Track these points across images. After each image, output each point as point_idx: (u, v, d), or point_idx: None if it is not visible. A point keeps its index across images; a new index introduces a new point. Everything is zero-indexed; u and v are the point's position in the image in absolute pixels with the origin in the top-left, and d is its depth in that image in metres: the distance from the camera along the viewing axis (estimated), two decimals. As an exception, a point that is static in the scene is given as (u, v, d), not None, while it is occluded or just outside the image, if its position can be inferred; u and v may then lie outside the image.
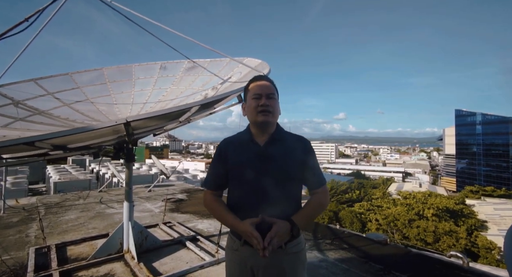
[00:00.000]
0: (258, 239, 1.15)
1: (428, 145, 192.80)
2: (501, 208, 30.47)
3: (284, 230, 1.20)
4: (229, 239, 1.42)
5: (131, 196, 3.40)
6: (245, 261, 1.32)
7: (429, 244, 19.76)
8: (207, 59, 4.43)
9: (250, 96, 1.38)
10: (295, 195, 1.36)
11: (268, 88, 1.36)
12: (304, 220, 1.30)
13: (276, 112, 1.37)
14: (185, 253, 3.57)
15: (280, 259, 1.28)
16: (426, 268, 3.24)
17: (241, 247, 1.33)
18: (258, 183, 1.30)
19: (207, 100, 2.03)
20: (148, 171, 12.20)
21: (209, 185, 1.45)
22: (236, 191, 1.38)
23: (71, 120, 3.56)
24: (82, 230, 4.53)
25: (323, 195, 1.38)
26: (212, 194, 1.44)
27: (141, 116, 1.66)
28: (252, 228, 1.19)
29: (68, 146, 1.95)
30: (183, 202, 6.72)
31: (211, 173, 1.46)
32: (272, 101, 1.35)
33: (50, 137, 1.37)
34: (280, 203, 1.29)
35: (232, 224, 1.29)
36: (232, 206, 1.36)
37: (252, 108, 1.35)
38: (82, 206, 6.13)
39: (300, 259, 1.34)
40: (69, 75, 4.24)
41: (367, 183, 49.30)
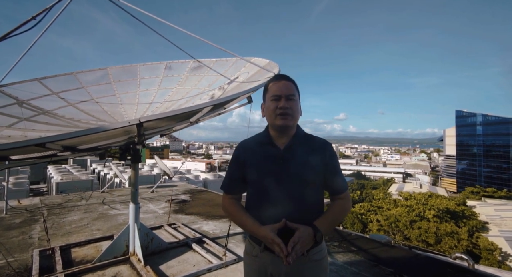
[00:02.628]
0: (280, 245, 1.10)
1: (428, 145, 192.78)
2: (502, 209, 30.43)
3: (307, 236, 1.15)
4: (248, 244, 1.37)
5: (137, 197, 3.35)
6: (265, 267, 1.27)
7: (431, 245, 19.72)
8: (213, 59, 4.39)
9: (269, 97, 1.32)
10: (317, 200, 1.31)
11: (288, 88, 1.29)
12: (327, 225, 1.25)
13: (296, 114, 1.31)
14: (192, 255, 3.52)
15: (302, 267, 1.23)
16: (434, 271, 3.19)
17: (261, 253, 1.28)
18: (278, 187, 1.25)
19: (219, 101, 1.99)
20: (150, 172, 12.15)
21: (226, 189, 1.40)
22: (255, 195, 1.33)
23: (76, 120, 3.52)
24: (85, 231, 4.48)
25: (346, 201, 1.33)
26: (230, 198, 1.39)
27: (154, 117, 1.62)
28: (274, 234, 1.14)
29: (77, 147, 1.90)
30: (186, 203, 6.67)
31: (228, 176, 1.41)
32: (292, 103, 1.28)
33: (62, 138, 1.32)
34: (301, 208, 1.24)
35: (252, 229, 1.24)
36: (250, 210, 1.31)
37: (271, 111, 1.29)
38: (85, 207, 6.08)
39: (322, 267, 1.29)
40: (74, 74, 4.20)
41: (368, 184, 49.27)
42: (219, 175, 13.99)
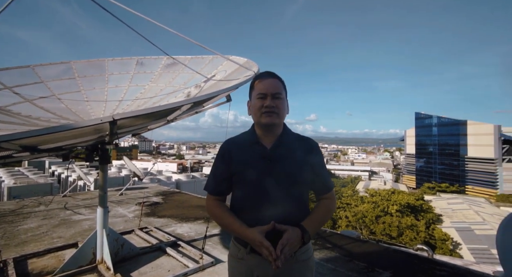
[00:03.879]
0: (269, 249, 1.07)
1: (391, 145, 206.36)
2: (453, 203, 33.64)
3: (295, 237, 1.13)
4: (233, 246, 1.33)
5: (105, 201, 3.12)
6: (251, 270, 1.24)
7: (394, 238, 21.12)
8: (188, 56, 4.24)
9: (255, 95, 1.28)
10: (303, 200, 1.30)
11: (274, 87, 1.26)
12: (315, 226, 1.24)
13: (282, 113, 1.28)
14: (166, 260, 3.37)
15: (290, 268, 1.21)
16: (402, 263, 3.40)
17: (247, 255, 1.24)
18: (264, 187, 1.22)
19: (198, 99, 1.91)
20: (118, 173, 11.47)
21: (211, 190, 1.34)
22: (241, 195, 1.28)
23: (35, 117, 3.18)
24: (45, 240, 4.08)
25: (331, 200, 1.34)
26: (215, 199, 1.33)
27: (130, 114, 1.50)
28: (262, 236, 1.11)
29: (39, 147, 1.70)
30: (159, 205, 6.39)
31: (213, 177, 1.34)
32: (278, 101, 1.26)
33: (22, 137, 1.16)
34: (288, 209, 1.23)
35: (239, 232, 1.20)
36: (236, 212, 1.27)
37: (257, 109, 1.26)
38: (43, 213, 5.54)
39: (309, 267, 1.28)
40: (31, 67, 3.79)
41: (337, 182, 51.42)
42: (192, 176, 13.65)
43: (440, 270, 3.16)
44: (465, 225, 25.13)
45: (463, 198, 36.91)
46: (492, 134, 50.61)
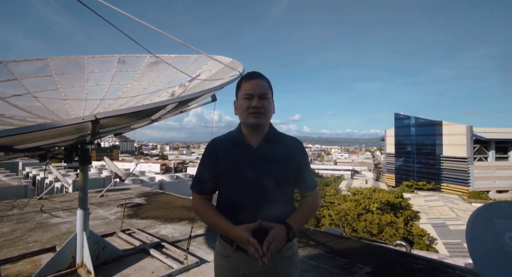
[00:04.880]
0: (256, 246, 1.09)
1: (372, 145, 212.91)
2: (430, 200, 35.25)
3: (281, 234, 1.16)
4: (219, 244, 1.34)
5: (86, 203, 3.03)
6: (237, 268, 1.26)
7: (374, 235, 21.85)
8: (172, 55, 4.19)
9: (241, 95, 1.30)
10: (288, 198, 1.34)
11: (261, 87, 1.29)
12: (299, 223, 1.28)
13: (269, 113, 1.31)
14: (150, 261, 3.31)
15: (275, 264, 1.24)
16: (383, 258, 3.54)
17: (233, 253, 1.26)
18: (251, 186, 1.24)
19: (184, 98, 1.90)
20: (98, 174, 11.07)
21: (197, 189, 1.35)
22: (228, 194, 1.31)
23: (8, 116, 3.02)
24: (19, 244, 3.89)
25: (315, 198, 1.38)
26: (201, 199, 1.34)
27: (113, 113, 1.47)
28: (249, 234, 1.13)
29: (14, 147, 1.62)
30: (142, 206, 6.24)
31: (199, 176, 1.35)
32: (265, 102, 1.29)
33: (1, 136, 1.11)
34: (274, 207, 1.26)
35: (225, 230, 1.22)
36: (223, 210, 1.28)
37: (244, 109, 1.28)
38: (17, 217, 5.26)
39: (294, 263, 1.32)
40: (4, 63, 3.59)
41: (321, 181, 52.36)
42: (176, 177, 13.42)
43: (417, 263, 3.33)
44: (440, 221, 26.43)
45: (438, 196, 38.77)
46: (465, 134, 53.52)
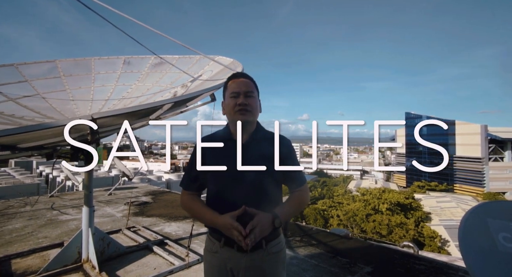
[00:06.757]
0: (238, 228, 1.11)
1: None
2: (442, 201, 34.39)
3: (266, 220, 1.17)
4: (208, 241, 1.38)
5: (91, 200, 3.12)
6: (225, 263, 1.29)
7: (384, 236, 21.47)
8: (175, 56, 4.26)
9: (228, 95, 1.34)
10: (276, 195, 1.35)
11: (246, 86, 1.33)
12: (286, 213, 1.28)
13: (255, 111, 1.35)
14: (153, 258, 3.39)
15: (261, 260, 1.26)
16: (386, 259, 3.51)
17: (220, 249, 1.29)
18: (238, 182, 1.27)
19: (180, 98, 1.95)
20: (107, 173, 11.34)
21: (186, 186, 1.39)
22: (215, 190, 1.34)
23: (18, 116, 3.16)
24: (30, 240, 4.05)
25: (304, 192, 1.39)
26: (189, 194, 1.38)
27: (108, 113, 1.53)
28: (233, 219, 1.15)
29: (18, 146, 1.71)
30: (148, 205, 6.38)
31: (188, 173, 1.40)
32: (251, 100, 1.32)
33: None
34: (262, 204, 1.28)
35: (211, 219, 1.24)
36: (211, 206, 1.31)
37: (230, 107, 1.32)
38: (29, 214, 5.47)
39: (280, 259, 1.34)
40: (15, 66, 3.75)
41: (329, 181, 51.87)
42: (183, 176, 13.60)
43: (419, 264, 3.28)
44: (453, 223, 25.74)
45: (451, 197, 37.78)
46: (479, 133, 51.92)
